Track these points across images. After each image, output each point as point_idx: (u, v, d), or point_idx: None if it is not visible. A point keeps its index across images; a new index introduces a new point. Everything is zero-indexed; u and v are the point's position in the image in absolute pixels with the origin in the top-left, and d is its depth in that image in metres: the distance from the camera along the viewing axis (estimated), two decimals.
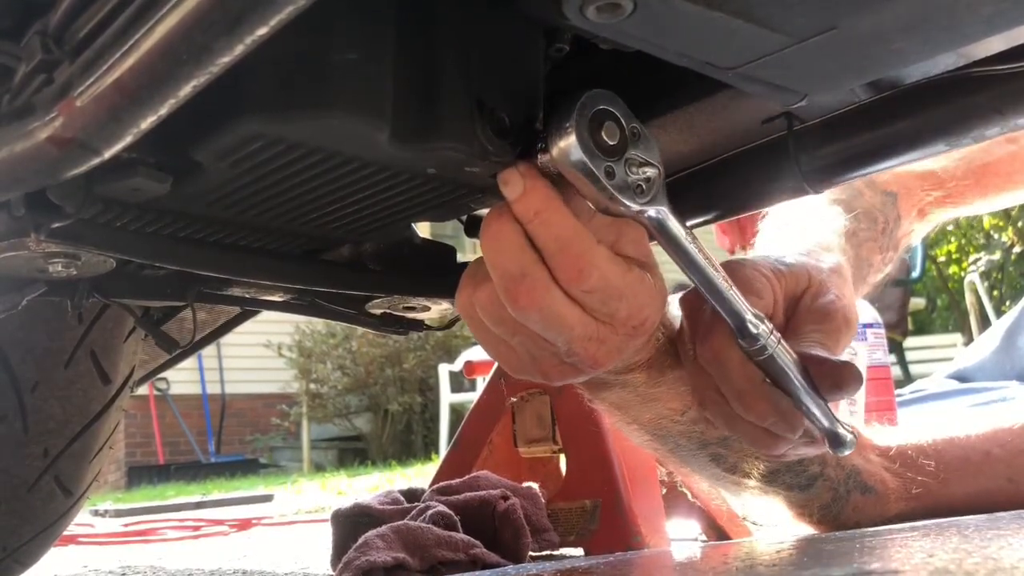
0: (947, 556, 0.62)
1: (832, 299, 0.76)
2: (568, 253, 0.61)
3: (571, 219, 0.61)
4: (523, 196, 0.60)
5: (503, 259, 0.62)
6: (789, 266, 0.77)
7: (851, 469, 0.91)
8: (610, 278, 0.62)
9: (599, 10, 0.48)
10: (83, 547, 2.50)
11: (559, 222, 0.60)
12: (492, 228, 0.62)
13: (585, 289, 0.62)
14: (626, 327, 0.65)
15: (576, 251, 0.61)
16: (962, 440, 0.94)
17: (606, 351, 0.66)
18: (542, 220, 0.60)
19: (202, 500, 4.11)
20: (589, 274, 0.61)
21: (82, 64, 0.46)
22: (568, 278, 0.61)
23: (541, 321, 0.63)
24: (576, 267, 0.61)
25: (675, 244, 0.63)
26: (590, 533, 1.23)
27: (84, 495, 1.27)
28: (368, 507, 1.23)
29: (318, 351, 7.47)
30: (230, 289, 0.83)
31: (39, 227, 0.56)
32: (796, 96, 0.59)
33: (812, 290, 0.77)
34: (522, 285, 0.62)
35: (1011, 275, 9.43)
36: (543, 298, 0.62)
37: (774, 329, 0.68)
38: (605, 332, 0.65)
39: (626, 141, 0.59)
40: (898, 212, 1.05)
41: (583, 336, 0.64)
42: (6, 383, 1.16)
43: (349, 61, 0.52)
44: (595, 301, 0.63)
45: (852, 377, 0.70)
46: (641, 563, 0.98)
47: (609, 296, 0.63)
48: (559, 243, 0.61)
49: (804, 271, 0.77)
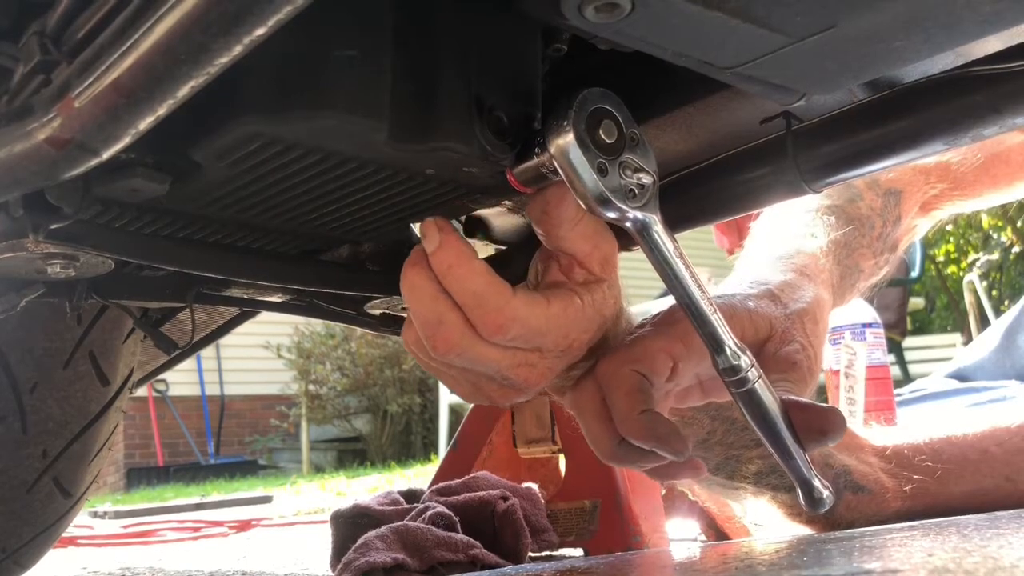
0: (946, 555, 0.62)
1: (796, 348, 0.74)
2: (484, 308, 0.62)
3: (484, 274, 0.62)
4: (438, 250, 0.62)
5: (419, 307, 0.63)
6: (751, 311, 0.74)
7: (841, 469, 0.91)
8: (530, 323, 0.63)
9: (597, 10, 0.48)
10: (82, 549, 2.49)
11: (472, 277, 0.62)
12: (408, 276, 0.63)
13: (505, 342, 0.63)
14: (554, 352, 0.66)
15: (492, 306, 0.62)
16: (960, 439, 0.94)
17: (539, 373, 0.67)
18: (455, 275, 0.62)
19: (201, 501, 4.11)
20: (507, 328, 0.62)
21: (80, 65, 0.46)
22: (487, 332, 0.63)
23: (463, 362, 0.64)
24: (494, 322, 0.62)
25: (660, 256, 0.62)
26: (590, 533, 1.23)
27: (83, 496, 1.27)
28: (367, 508, 1.23)
29: (317, 352, 7.47)
30: (229, 290, 0.83)
31: (37, 228, 0.56)
32: (795, 95, 0.59)
33: (775, 339, 0.74)
34: (439, 332, 0.63)
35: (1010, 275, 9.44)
36: (460, 344, 0.63)
37: (756, 363, 0.65)
38: (533, 358, 0.66)
39: (623, 143, 0.58)
40: (899, 212, 1.05)
41: (511, 366, 0.65)
42: (5, 384, 1.16)
43: (347, 61, 0.52)
44: (516, 344, 0.64)
45: (839, 424, 0.67)
46: (641, 563, 0.98)
47: (530, 339, 0.64)
48: (474, 298, 0.62)
49: (766, 319, 0.75)
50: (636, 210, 0.59)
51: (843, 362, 1.50)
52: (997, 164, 1.07)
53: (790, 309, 0.78)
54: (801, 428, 0.67)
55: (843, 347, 1.51)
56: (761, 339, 0.74)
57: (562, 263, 0.65)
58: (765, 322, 0.75)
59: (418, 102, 0.54)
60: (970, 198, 1.10)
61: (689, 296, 0.63)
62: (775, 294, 0.79)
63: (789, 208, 1.01)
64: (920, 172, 1.06)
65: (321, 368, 7.44)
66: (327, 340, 7.41)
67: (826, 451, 0.90)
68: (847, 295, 0.98)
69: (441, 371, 0.69)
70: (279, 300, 0.86)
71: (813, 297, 0.81)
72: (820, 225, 0.96)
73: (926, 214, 1.10)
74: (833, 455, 0.91)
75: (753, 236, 0.99)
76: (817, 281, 0.86)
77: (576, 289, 0.65)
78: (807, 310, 0.79)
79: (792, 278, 0.83)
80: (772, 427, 0.65)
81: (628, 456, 0.67)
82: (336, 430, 7.74)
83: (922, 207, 1.08)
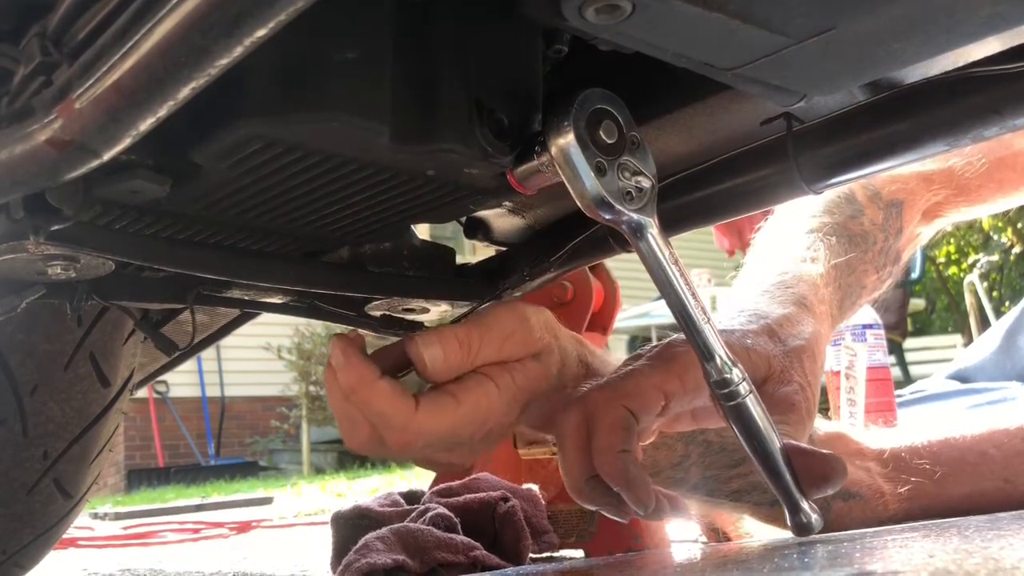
0: (947, 557, 0.62)
1: (795, 389, 0.73)
2: (388, 428, 0.64)
3: (385, 395, 0.64)
4: (340, 371, 0.64)
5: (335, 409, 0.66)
6: (748, 349, 0.74)
7: None
8: (438, 433, 0.65)
9: (598, 11, 0.48)
10: (83, 550, 2.49)
11: (372, 399, 0.64)
12: (325, 379, 0.66)
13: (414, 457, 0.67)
14: (472, 442, 0.68)
15: (395, 425, 0.64)
16: (958, 441, 0.94)
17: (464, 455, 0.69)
18: (357, 398, 0.64)
19: (202, 503, 4.11)
20: (413, 444, 0.65)
21: (81, 66, 0.46)
22: (395, 448, 0.65)
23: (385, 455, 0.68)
24: (399, 440, 0.64)
25: (654, 261, 0.61)
26: (590, 535, 1.23)
27: (84, 498, 1.27)
28: (368, 509, 1.23)
29: (317, 353, 7.46)
30: (229, 291, 0.83)
31: (38, 229, 0.56)
32: (795, 97, 0.59)
33: (773, 379, 0.74)
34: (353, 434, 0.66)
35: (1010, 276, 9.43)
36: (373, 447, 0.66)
37: (747, 378, 0.64)
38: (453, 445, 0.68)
39: (623, 145, 0.58)
40: (901, 223, 1.04)
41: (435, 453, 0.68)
42: (5, 386, 1.16)
43: (348, 63, 0.52)
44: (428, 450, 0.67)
45: (840, 471, 0.67)
46: (641, 564, 0.98)
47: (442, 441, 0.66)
48: (378, 418, 0.64)
49: (765, 358, 0.74)
50: (633, 212, 0.59)
51: (844, 363, 1.50)
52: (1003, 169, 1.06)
53: (789, 346, 0.77)
54: (803, 474, 0.66)
55: (844, 348, 1.51)
56: (760, 379, 0.73)
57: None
58: (764, 361, 0.74)
59: (419, 104, 0.54)
60: (975, 204, 1.09)
61: (681, 303, 0.63)
62: (774, 330, 0.78)
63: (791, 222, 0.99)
64: (923, 180, 1.05)
65: (321, 369, 7.43)
66: (327, 341, 7.40)
67: None
68: (847, 314, 0.97)
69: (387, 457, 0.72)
70: (280, 301, 0.86)
71: (811, 333, 0.81)
72: (821, 248, 0.94)
73: (929, 222, 1.09)
74: None
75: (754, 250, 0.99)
76: (816, 313, 0.85)
77: (492, 375, 0.66)
78: (805, 347, 0.78)
79: (791, 312, 0.82)
80: (761, 444, 0.65)
81: (593, 494, 0.67)
82: (336, 431, 7.69)
83: (925, 215, 1.07)
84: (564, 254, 0.77)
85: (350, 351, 0.65)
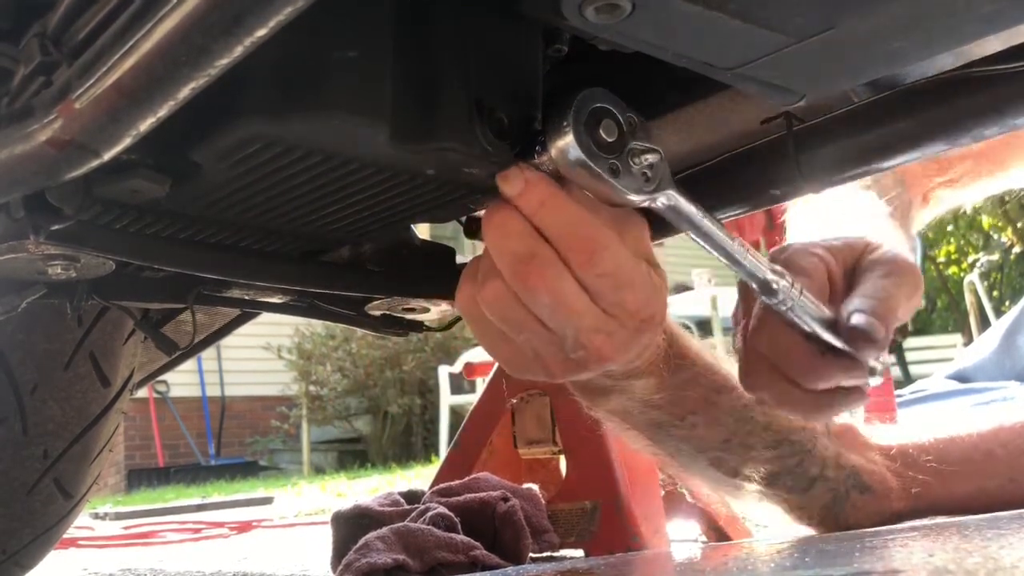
0: (947, 556, 0.62)
1: (893, 252, 0.75)
2: (578, 236, 0.60)
3: (577, 205, 0.60)
4: (526, 190, 0.59)
5: (511, 243, 0.61)
6: (845, 239, 0.76)
7: (850, 469, 0.91)
8: (621, 262, 0.62)
9: (598, 11, 0.48)
10: (83, 550, 2.49)
11: (566, 208, 0.60)
12: (497, 217, 0.61)
13: (597, 273, 0.61)
14: (634, 320, 0.64)
15: (586, 234, 0.60)
16: (964, 440, 0.94)
17: (613, 345, 0.65)
18: (548, 209, 0.60)
19: (202, 503, 4.11)
20: (601, 257, 0.61)
21: (81, 66, 0.46)
22: (580, 262, 0.61)
23: (550, 305, 0.62)
24: (588, 250, 0.61)
25: (690, 222, 0.64)
26: (590, 534, 1.23)
27: (84, 498, 1.27)
28: (368, 509, 1.23)
29: (318, 353, 7.47)
30: (229, 291, 0.83)
31: (38, 229, 0.56)
32: (795, 96, 0.59)
33: (870, 249, 0.76)
34: (532, 265, 0.61)
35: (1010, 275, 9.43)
36: (554, 279, 0.61)
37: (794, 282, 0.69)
38: (613, 325, 0.64)
39: (625, 135, 0.59)
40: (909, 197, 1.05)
41: (591, 327, 0.63)
42: (5, 385, 1.16)
43: (348, 62, 0.52)
44: (605, 287, 0.62)
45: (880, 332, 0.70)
46: (641, 564, 0.98)
47: (619, 283, 0.62)
48: (569, 228, 0.60)
49: (861, 240, 0.76)
50: (654, 193, 0.60)
51: None
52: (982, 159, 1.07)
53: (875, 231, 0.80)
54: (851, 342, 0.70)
55: None
56: (857, 256, 0.75)
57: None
58: (860, 242, 0.76)
59: (419, 103, 0.54)
60: (959, 189, 1.10)
61: (724, 248, 0.66)
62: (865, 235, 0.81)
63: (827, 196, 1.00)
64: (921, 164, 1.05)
65: (322, 369, 7.44)
66: (328, 341, 7.41)
67: (837, 450, 0.91)
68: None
69: (505, 337, 0.66)
70: (280, 301, 0.86)
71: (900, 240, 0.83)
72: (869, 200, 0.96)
73: (926, 204, 1.10)
74: (843, 454, 0.91)
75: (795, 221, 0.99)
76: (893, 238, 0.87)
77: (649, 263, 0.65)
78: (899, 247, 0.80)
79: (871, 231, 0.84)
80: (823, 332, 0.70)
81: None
82: (337, 431, 7.73)
83: (923, 198, 1.08)
84: None
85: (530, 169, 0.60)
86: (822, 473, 0.89)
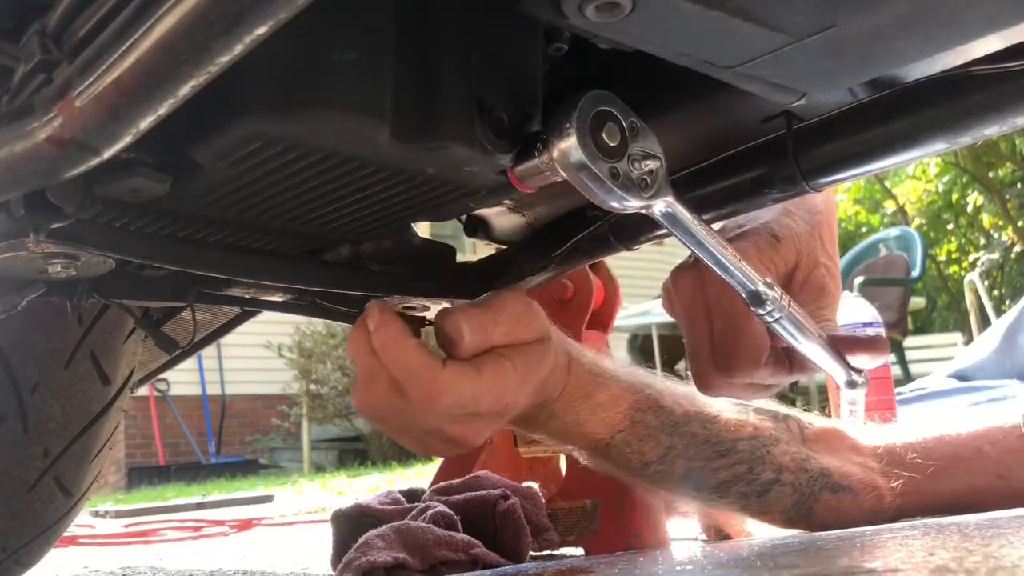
0: (947, 555, 0.62)
1: (822, 272, 0.79)
2: (416, 382, 0.67)
3: (415, 354, 0.67)
4: (376, 330, 0.68)
5: (359, 363, 0.70)
6: (780, 241, 0.79)
7: (819, 472, 0.91)
8: (461, 394, 0.68)
9: (598, 9, 0.48)
10: (84, 548, 2.50)
11: (404, 354, 0.67)
12: (351, 339, 0.70)
13: (437, 412, 0.68)
14: (492, 415, 0.71)
15: (422, 380, 0.67)
16: (953, 438, 0.94)
17: (475, 431, 0.71)
18: (390, 353, 0.68)
19: (202, 501, 4.11)
20: (438, 399, 0.67)
21: (81, 64, 0.46)
22: (419, 403, 0.68)
23: (402, 421, 0.70)
24: (425, 394, 0.67)
25: (685, 230, 0.65)
26: (590, 533, 1.23)
27: (84, 496, 1.27)
28: (368, 507, 1.23)
29: (318, 352, 7.46)
30: (230, 289, 0.83)
31: (38, 228, 0.56)
32: (795, 95, 0.59)
33: (803, 265, 0.79)
34: (373, 387, 0.69)
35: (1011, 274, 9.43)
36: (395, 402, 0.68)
37: (784, 293, 0.71)
38: (469, 419, 0.70)
39: (627, 140, 0.59)
40: None
41: (447, 425, 0.70)
42: (6, 384, 1.16)
43: (349, 60, 0.52)
44: (450, 411, 0.69)
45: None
46: (641, 563, 0.98)
47: (463, 406, 0.68)
48: (406, 373, 0.67)
49: (793, 247, 0.79)
50: (651, 199, 0.61)
51: None
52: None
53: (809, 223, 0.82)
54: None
55: None
56: (791, 267, 0.79)
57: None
58: (792, 252, 0.79)
59: (419, 102, 0.54)
60: None
61: (717, 256, 0.68)
62: (790, 209, 0.82)
63: None
64: None
65: (322, 368, 7.44)
66: (328, 339, 7.41)
67: (802, 456, 0.91)
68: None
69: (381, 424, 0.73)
70: (280, 299, 0.86)
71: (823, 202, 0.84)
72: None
73: None
74: (810, 459, 0.92)
75: None
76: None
77: (506, 354, 0.70)
78: (821, 221, 0.82)
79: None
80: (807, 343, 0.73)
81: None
82: (337, 429, 7.73)
83: None
84: (564, 252, 0.77)
85: (387, 312, 0.69)
86: (779, 478, 0.89)
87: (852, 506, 0.92)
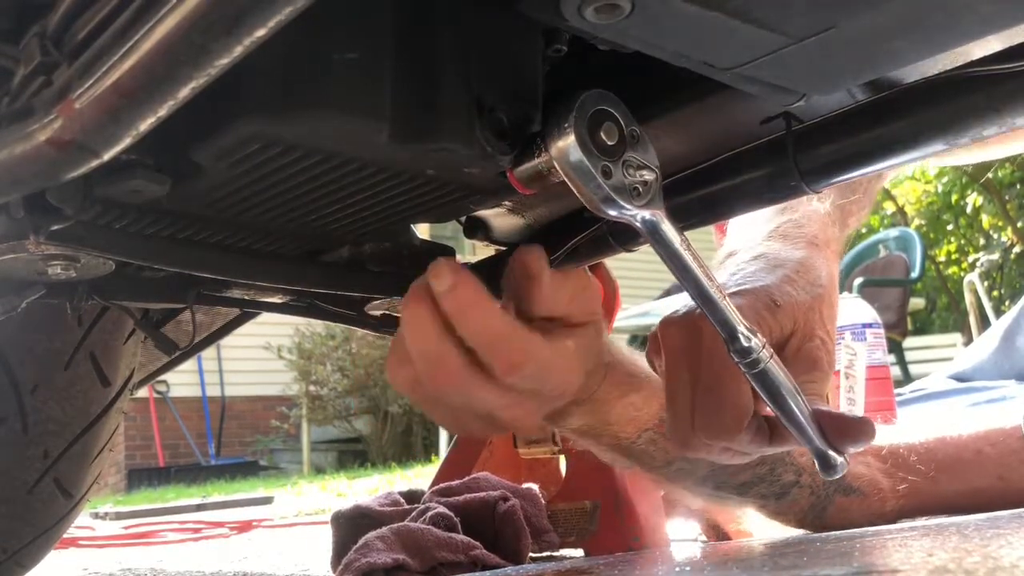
0: (947, 555, 0.62)
1: (817, 345, 0.75)
2: (504, 347, 0.61)
3: (499, 315, 0.61)
4: (452, 290, 0.59)
5: (423, 344, 0.62)
6: (779, 308, 0.75)
7: None
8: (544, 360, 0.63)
9: (597, 11, 0.48)
10: (83, 549, 2.49)
11: (492, 318, 0.60)
12: (411, 311, 0.61)
13: (519, 377, 0.62)
14: (549, 395, 0.66)
15: (515, 345, 0.61)
16: (954, 439, 0.94)
17: (525, 415, 0.66)
18: (472, 316, 0.60)
19: (202, 502, 4.10)
20: (523, 365, 0.62)
21: (81, 66, 0.46)
22: (503, 370, 0.61)
23: (459, 400, 0.64)
24: (510, 360, 0.61)
25: (668, 249, 0.62)
26: (590, 534, 1.23)
27: (84, 497, 1.27)
28: (368, 509, 1.23)
29: (318, 353, 7.46)
30: (229, 291, 0.83)
31: (38, 229, 0.56)
32: (795, 96, 0.59)
33: (798, 335, 0.75)
34: (440, 369, 0.62)
35: (1010, 275, 9.43)
36: (462, 383, 0.62)
37: (767, 344, 0.66)
38: (526, 401, 0.65)
39: (624, 143, 0.59)
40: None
41: (502, 406, 0.64)
42: (6, 385, 1.16)
43: (348, 62, 0.52)
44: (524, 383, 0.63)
45: (870, 430, 0.70)
46: (641, 564, 0.98)
47: (539, 378, 0.64)
48: (494, 338, 0.61)
49: (791, 316, 0.75)
50: (642, 209, 0.60)
51: (843, 362, 1.50)
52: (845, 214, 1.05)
53: (810, 295, 0.78)
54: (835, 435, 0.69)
55: (844, 347, 1.52)
56: (786, 335, 0.75)
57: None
58: (790, 319, 0.75)
59: (419, 103, 0.54)
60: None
61: (699, 285, 0.64)
62: (792, 278, 0.79)
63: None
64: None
65: (322, 369, 7.43)
66: (328, 341, 7.41)
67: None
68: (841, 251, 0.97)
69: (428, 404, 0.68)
70: (280, 301, 0.86)
71: (827, 277, 0.81)
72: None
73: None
74: None
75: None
76: (828, 253, 0.85)
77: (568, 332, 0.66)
78: (824, 295, 0.79)
79: (806, 256, 0.82)
80: (785, 404, 0.67)
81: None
82: (337, 431, 7.73)
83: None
84: (563, 253, 0.77)
85: (462, 270, 0.59)
86: (798, 480, 0.89)
87: (861, 508, 0.92)
